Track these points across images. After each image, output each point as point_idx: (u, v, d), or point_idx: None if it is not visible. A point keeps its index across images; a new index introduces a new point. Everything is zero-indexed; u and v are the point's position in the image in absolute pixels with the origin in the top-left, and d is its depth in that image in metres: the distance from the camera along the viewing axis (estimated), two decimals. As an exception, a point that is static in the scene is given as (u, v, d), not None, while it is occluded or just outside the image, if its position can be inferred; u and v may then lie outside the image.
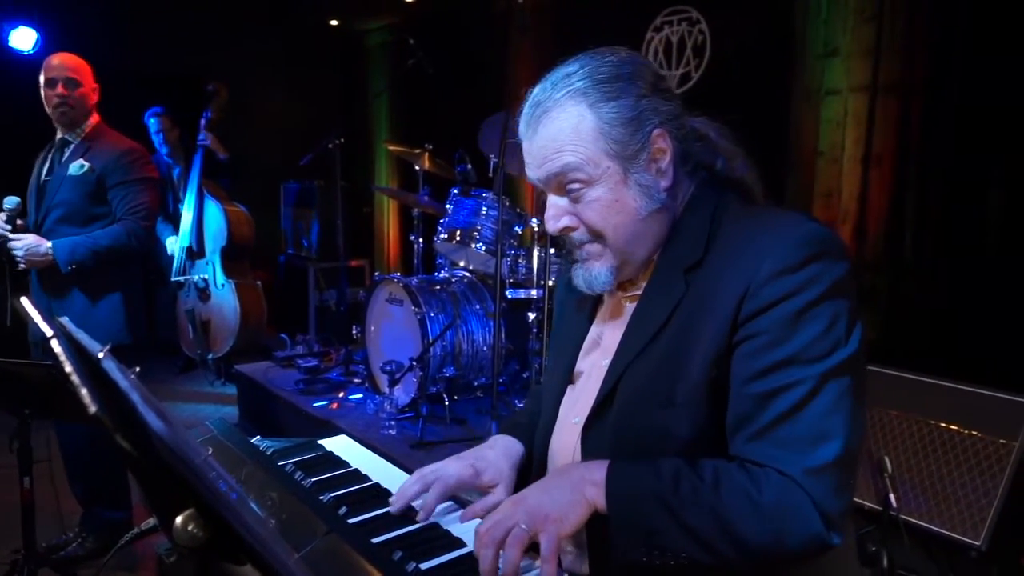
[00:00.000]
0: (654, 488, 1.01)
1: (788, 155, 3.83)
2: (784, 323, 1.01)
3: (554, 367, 1.35)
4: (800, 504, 0.97)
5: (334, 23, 7.10)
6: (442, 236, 3.95)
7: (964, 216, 3.17)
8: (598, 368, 1.22)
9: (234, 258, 5.11)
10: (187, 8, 6.08)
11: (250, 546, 0.63)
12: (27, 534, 2.29)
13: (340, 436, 1.60)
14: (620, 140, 1.09)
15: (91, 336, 0.91)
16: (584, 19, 4.93)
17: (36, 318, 1.02)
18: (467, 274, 4.11)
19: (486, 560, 0.99)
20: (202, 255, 5.09)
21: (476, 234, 3.83)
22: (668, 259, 1.15)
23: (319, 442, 1.53)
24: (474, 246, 3.84)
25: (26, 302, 1.12)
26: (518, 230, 3.88)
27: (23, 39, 5.06)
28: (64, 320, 1.03)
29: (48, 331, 0.86)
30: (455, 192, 4.00)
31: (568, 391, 1.29)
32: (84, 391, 0.64)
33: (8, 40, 5.03)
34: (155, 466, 0.63)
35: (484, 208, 3.85)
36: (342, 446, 1.53)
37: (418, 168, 4.50)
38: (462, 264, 4.26)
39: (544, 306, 3.52)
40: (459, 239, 3.87)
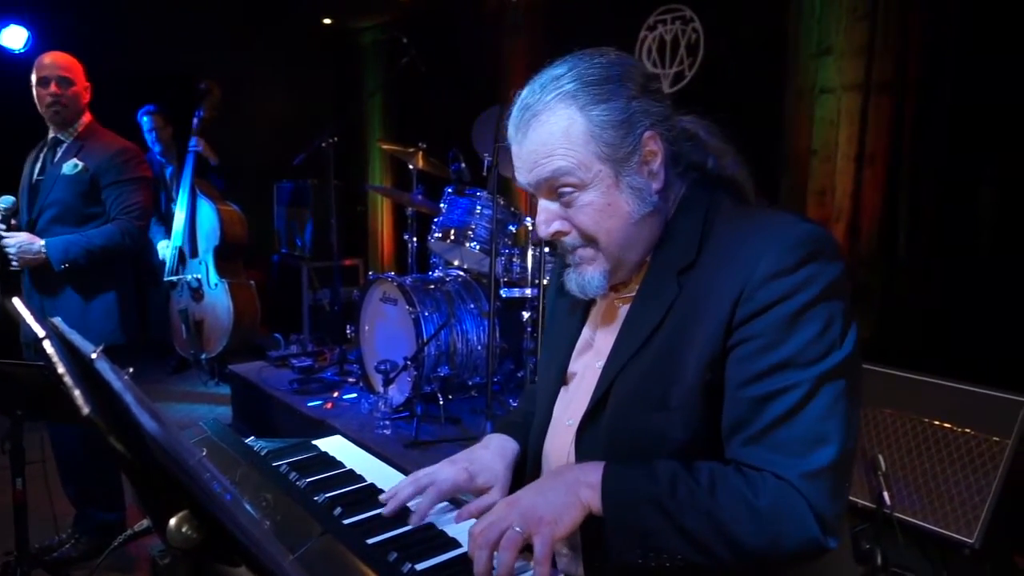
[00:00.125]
0: (650, 491, 1.01)
1: (782, 154, 3.84)
2: (779, 326, 1.01)
3: (547, 368, 1.35)
4: (797, 508, 0.97)
5: (327, 22, 7.08)
6: (436, 235, 3.94)
7: (957, 215, 3.18)
8: (591, 370, 1.21)
9: (227, 258, 5.10)
10: (179, 6, 6.06)
11: (245, 548, 0.62)
12: (20, 535, 2.29)
13: (335, 436, 1.60)
14: (611, 143, 1.08)
15: (85, 336, 0.91)
16: (577, 18, 4.92)
17: (28, 318, 1.01)
18: (461, 273, 4.11)
19: (480, 562, 0.99)
20: (195, 255, 5.08)
21: (470, 233, 3.83)
22: (661, 261, 1.15)
23: (314, 442, 1.53)
24: (468, 245, 3.83)
25: (18, 302, 1.11)
26: (512, 229, 3.88)
27: (14, 38, 5.04)
28: (57, 320, 1.02)
29: (40, 332, 0.85)
30: (449, 191, 3.99)
31: (561, 392, 1.29)
32: (77, 392, 0.64)
33: (-1, 39, 5.01)
34: (149, 467, 0.63)
35: (478, 207, 3.85)
36: (337, 446, 1.53)
37: (412, 167, 4.49)
38: (456, 263, 4.25)
39: (539, 305, 3.51)
40: (453, 238, 3.87)
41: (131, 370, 0.95)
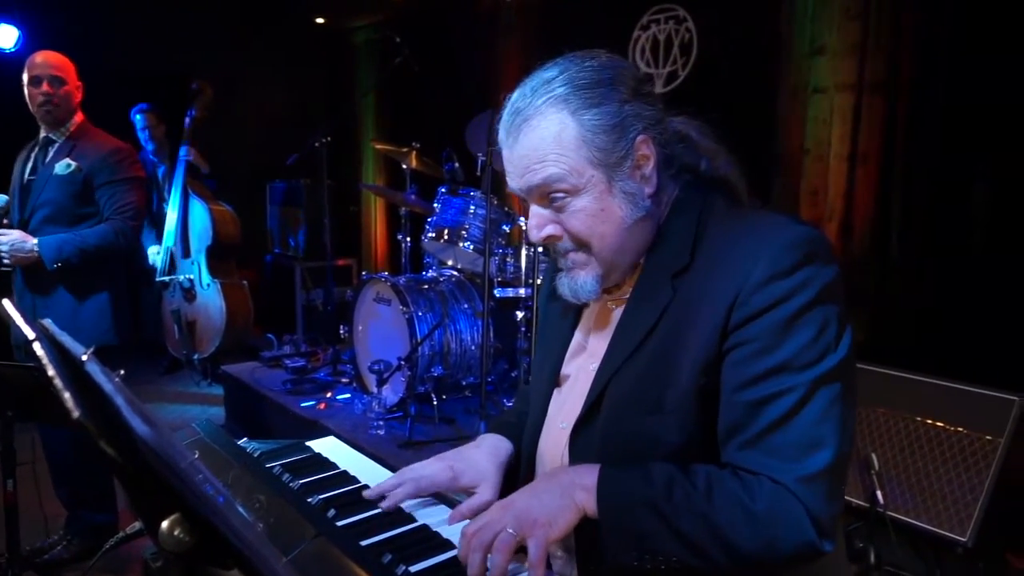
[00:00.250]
0: (646, 493, 1.00)
1: (775, 153, 3.85)
2: (775, 330, 1.01)
3: (540, 370, 1.34)
4: (793, 512, 0.97)
5: (320, 21, 7.06)
6: (430, 235, 3.94)
7: (950, 214, 3.19)
8: (585, 372, 1.21)
9: (220, 258, 5.08)
10: (171, 5, 6.04)
11: (237, 550, 0.62)
12: (11, 537, 2.27)
13: (328, 437, 1.59)
14: (603, 148, 1.07)
15: (77, 337, 0.90)
16: (571, 17, 4.93)
17: (18, 320, 1.00)
18: (455, 273, 4.11)
19: (473, 565, 0.98)
20: (187, 255, 5.06)
21: (464, 233, 3.83)
22: (654, 264, 1.14)
23: (307, 444, 1.52)
24: (462, 245, 3.83)
25: (8, 304, 1.10)
26: (506, 229, 3.87)
27: (4, 37, 5.00)
28: (47, 322, 1.01)
29: (30, 334, 0.84)
30: (443, 191, 3.99)
31: (555, 394, 1.29)
32: (67, 395, 0.63)
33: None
34: (140, 471, 0.62)
35: (472, 207, 3.84)
36: (330, 447, 1.52)
37: (405, 167, 4.49)
38: (450, 263, 4.25)
39: (533, 305, 3.51)
40: (447, 238, 3.86)
41: (122, 372, 0.94)
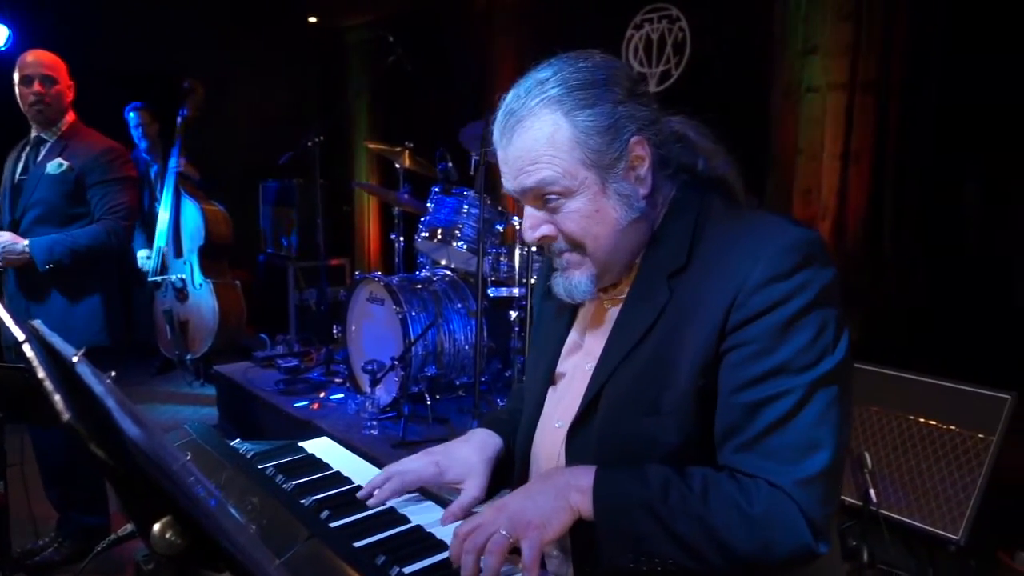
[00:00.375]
0: (642, 496, 1.00)
1: (768, 152, 3.85)
2: (773, 332, 1.00)
3: (534, 369, 1.34)
4: (790, 515, 0.97)
5: (313, 20, 7.04)
6: (423, 234, 3.93)
7: (942, 214, 3.20)
8: (580, 371, 1.21)
9: (212, 257, 5.06)
10: (163, 4, 6.00)
11: (229, 553, 0.62)
12: (1, 539, 2.26)
13: (321, 438, 1.59)
14: (597, 149, 1.07)
15: (69, 338, 0.89)
16: (564, 16, 4.93)
17: (8, 322, 0.99)
18: (448, 273, 4.10)
19: (467, 567, 0.98)
20: (179, 255, 5.04)
21: (457, 232, 3.82)
22: (651, 264, 1.14)
23: (300, 444, 1.52)
24: (455, 244, 3.82)
25: (-2, 305, 1.09)
26: (499, 228, 3.87)
27: (-5, 36, 4.98)
28: (37, 323, 1.00)
29: (20, 335, 0.83)
30: (436, 190, 3.98)
31: (550, 393, 1.28)
32: (57, 397, 0.62)
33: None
34: (131, 473, 0.62)
35: (465, 206, 3.84)
36: (323, 448, 1.52)
37: (398, 166, 4.48)
38: (443, 263, 4.24)
39: (527, 304, 3.51)
40: (440, 237, 3.86)
41: (113, 373, 0.94)
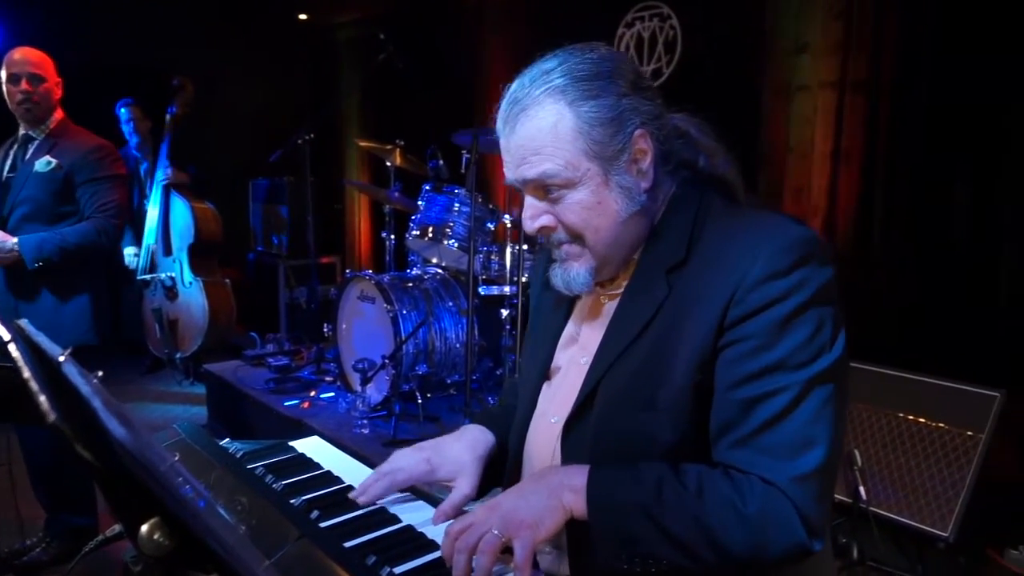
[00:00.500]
0: (636, 496, 1.00)
1: (759, 150, 3.86)
2: (771, 329, 1.01)
3: (530, 362, 1.34)
4: (784, 513, 0.97)
5: (303, 17, 7.01)
6: (414, 233, 3.92)
7: (932, 213, 3.22)
8: (576, 365, 1.21)
9: (202, 256, 5.04)
10: (152, 1, 5.96)
11: (218, 554, 0.61)
12: (-11, 540, 2.24)
13: (312, 437, 1.57)
14: (600, 140, 1.06)
15: (57, 337, 0.88)
16: (556, 15, 4.92)
17: (-6, 320, 0.98)
18: (439, 271, 4.09)
19: (458, 566, 0.98)
20: (169, 253, 5.01)
21: (448, 230, 3.81)
22: (650, 259, 1.14)
23: (290, 443, 1.50)
24: (446, 242, 3.81)
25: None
26: (491, 226, 3.86)
27: (-19, 32, 4.94)
28: (23, 323, 0.99)
29: (6, 335, 0.82)
30: (427, 188, 3.97)
31: (545, 387, 1.28)
32: (43, 398, 0.62)
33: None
34: (118, 474, 0.61)
35: (456, 204, 3.83)
36: (313, 447, 1.51)
37: (389, 164, 4.46)
38: (434, 261, 4.23)
39: (518, 302, 3.50)
40: (431, 235, 3.85)
41: (100, 373, 0.93)
